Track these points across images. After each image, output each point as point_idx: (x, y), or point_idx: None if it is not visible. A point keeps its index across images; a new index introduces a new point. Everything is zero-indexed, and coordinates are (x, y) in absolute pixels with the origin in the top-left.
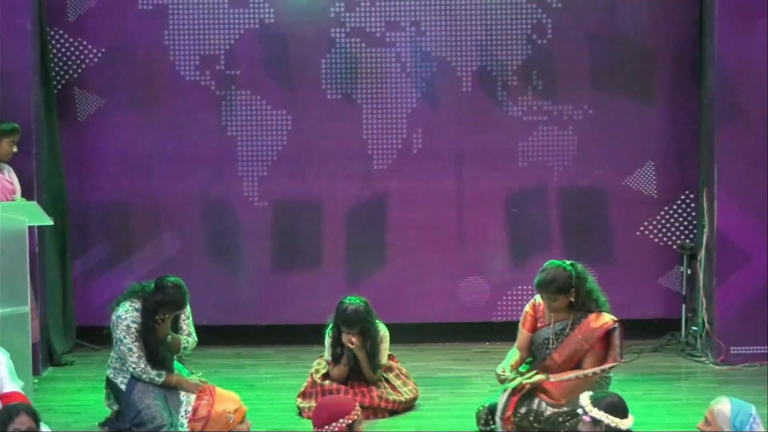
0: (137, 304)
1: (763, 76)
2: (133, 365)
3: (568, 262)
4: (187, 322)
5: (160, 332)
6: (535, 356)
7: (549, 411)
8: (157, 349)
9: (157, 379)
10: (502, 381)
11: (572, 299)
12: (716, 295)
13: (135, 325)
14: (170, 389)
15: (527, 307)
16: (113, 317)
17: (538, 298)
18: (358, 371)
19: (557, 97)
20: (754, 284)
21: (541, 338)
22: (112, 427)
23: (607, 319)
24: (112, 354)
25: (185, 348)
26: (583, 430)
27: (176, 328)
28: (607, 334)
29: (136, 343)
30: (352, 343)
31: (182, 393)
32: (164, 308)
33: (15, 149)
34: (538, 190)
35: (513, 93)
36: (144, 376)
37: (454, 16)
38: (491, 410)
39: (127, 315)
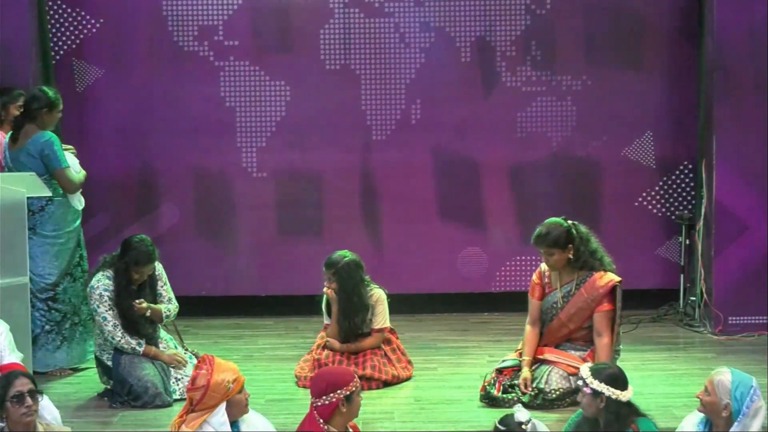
0: (109, 273)
1: (763, 47)
2: (111, 335)
3: (569, 222)
4: (165, 288)
5: (138, 308)
6: (543, 322)
7: (554, 389)
8: (133, 315)
9: (137, 348)
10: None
11: (571, 257)
12: (714, 265)
13: (107, 293)
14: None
15: (534, 277)
16: (87, 290)
17: (543, 266)
18: (355, 339)
19: (556, 67)
20: (752, 254)
21: (549, 303)
22: (112, 399)
23: (611, 277)
24: (95, 330)
25: (168, 316)
26: (584, 402)
27: (155, 296)
28: (613, 292)
29: (110, 312)
30: (327, 286)
31: None
32: (135, 264)
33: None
34: (537, 160)
35: (512, 64)
36: (125, 346)
37: None
38: (498, 372)
39: (98, 284)
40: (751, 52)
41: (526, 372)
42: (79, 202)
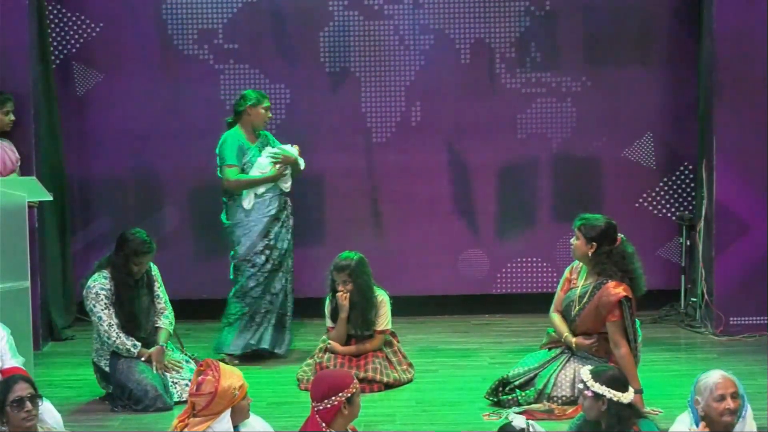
0: (105, 273)
1: (762, 46)
2: (106, 335)
3: (618, 232)
4: (161, 289)
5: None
6: (565, 317)
7: (558, 396)
8: (132, 311)
9: (132, 350)
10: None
11: (590, 254)
12: (715, 265)
13: (104, 292)
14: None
15: (566, 270)
16: (84, 291)
17: (575, 262)
18: (357, 341)
19: (555, 68)
20: (753, 255)
21: (568, 299)
22: (113, 404)
23: (621, 290)
24: (93, 335)
25: (171, 323)
26: (586, 405)
27: (152, 296)
28: (621, 304)
29: (106, 311)
30: (342, 291)
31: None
32: (135, 255)
33: (12, 117)
34: (537, 162)
35: (511, 65)
36: (120, 347)
37: None
38: (503, 383)
39: (95, 284)
40: (751, 52)
41: (577, 339)
42: (247, 202)
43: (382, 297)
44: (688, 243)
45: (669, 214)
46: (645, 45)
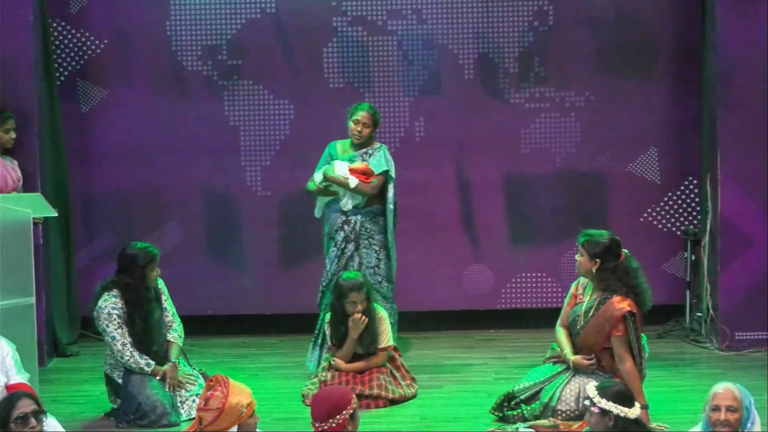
0: (114, 292)
1: (765, 61)
2: (119, 354)
3: (622, 248)
4: (168, 302)
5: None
6: (570, 332)
7: (562, 410)
8: (145, 327)
9: (146, 369)
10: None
11: (594, 271)
12: (720, 280)
13: (116, 312)
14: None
15: (572, 286)
16: (95, 313)
17: (581, 278)
18: (360, 358)
19: (559, 83)
20: (758, 269)
21: (574, 314)
22: (118, 419)
23: (627, 305)
24: (106, 350)
25: (180, 336)
26: (593, 421)
27: (161, 309)
28: (626, 319)
29: (119, 330)
30: (358, 312)
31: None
32: (151, 261)
33: (13, 135)
34: (541, 177)
35: (515, 80)
36: (133, 365)
37: (456, 4)
38: (508, 397)
39: (106, 304)
40: (755, 66)
41: (576, 358)
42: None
43: (381, 313)
44: (693, 258)
45: (674, 229)
46: (649, 59)
